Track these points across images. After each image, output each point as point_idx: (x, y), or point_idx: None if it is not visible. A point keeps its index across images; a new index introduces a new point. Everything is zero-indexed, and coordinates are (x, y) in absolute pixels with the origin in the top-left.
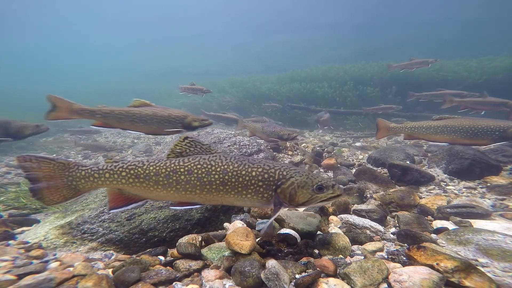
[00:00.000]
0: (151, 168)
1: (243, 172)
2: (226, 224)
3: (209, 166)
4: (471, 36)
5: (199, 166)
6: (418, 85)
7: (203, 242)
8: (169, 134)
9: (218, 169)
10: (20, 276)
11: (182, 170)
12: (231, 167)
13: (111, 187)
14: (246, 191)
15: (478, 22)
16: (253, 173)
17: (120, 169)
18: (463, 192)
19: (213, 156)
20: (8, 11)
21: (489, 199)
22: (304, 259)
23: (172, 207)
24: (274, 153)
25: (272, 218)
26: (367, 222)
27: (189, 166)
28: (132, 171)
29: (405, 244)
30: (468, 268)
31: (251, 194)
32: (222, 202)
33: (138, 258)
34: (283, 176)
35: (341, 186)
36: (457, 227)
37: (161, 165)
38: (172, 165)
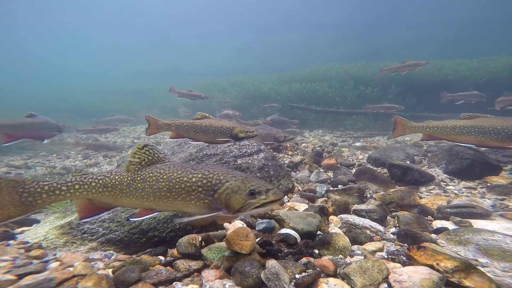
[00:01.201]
0: (116, 177)
1: (185, 179)
2: (226, 224)
3: (158, 174)
4: (471, 36)
5: (151, 174)
6: (419, 85)
7: (203, 242)
8: (220, 143)
9: (165, 177)
10: (20, 276)
11: (138, 178)
12: (175, 174)
13: (80, 197)
14: (189, 197)
15: (478, 22)
16: (193, 179)
17: (90, 180)
18: (463, 192)
19: (164, 165)
20: (6, 10)
21: (489, 199)
22: (304, 259)
23: (130, 220)
24: (274, 153)
25: (193, 218)
26: (367, 222)
27: (144, 175)
28: (101, 181)
29: (405, 244)
30: (468, 268)
31: (194, 200)
32: (174, 209)
33: (138, 258)
34: (219, 180)
35: (278, 191)
36: (457, 227)
37: (124, 174)
38: (132, 174)
